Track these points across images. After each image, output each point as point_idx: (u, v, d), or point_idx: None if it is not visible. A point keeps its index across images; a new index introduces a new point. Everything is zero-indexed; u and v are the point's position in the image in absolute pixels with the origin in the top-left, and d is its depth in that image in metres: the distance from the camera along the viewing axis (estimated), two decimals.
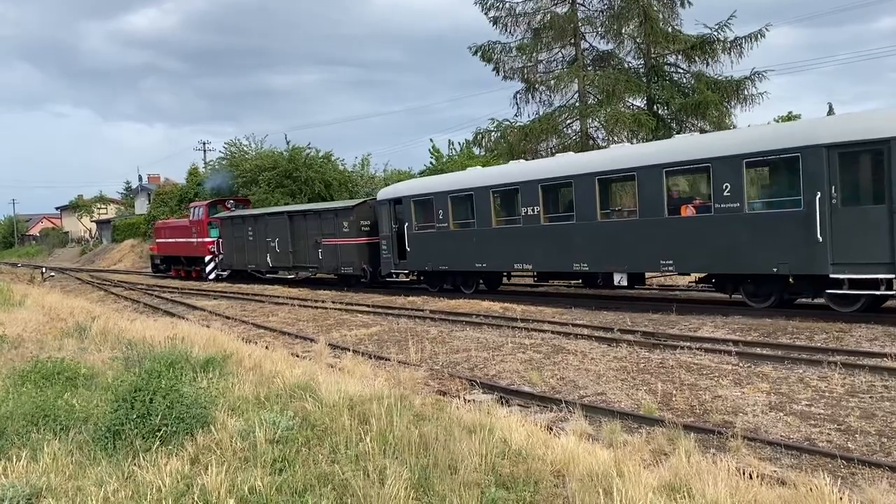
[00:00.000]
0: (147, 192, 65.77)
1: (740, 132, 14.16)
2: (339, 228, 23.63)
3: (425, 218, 20.36)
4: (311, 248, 25.11)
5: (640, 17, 25.02)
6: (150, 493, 4.46)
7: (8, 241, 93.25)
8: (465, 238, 18.75)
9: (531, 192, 16.87)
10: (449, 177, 22.34)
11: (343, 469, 4.62)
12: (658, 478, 4.74)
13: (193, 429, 5.52)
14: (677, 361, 9.95)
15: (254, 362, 8.33)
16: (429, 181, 22.38)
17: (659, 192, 14.20)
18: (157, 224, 38.53)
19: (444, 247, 19.42)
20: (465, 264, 18.92)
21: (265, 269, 28.44)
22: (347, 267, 23.52)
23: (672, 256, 14.09)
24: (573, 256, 15.94)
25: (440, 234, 19.54)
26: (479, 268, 18.55)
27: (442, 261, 19.54)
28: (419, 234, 20.30)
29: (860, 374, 8.63)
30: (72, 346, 10.20)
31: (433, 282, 20.67)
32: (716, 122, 24.30)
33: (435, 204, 19.71)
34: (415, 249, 20.37)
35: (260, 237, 27.91)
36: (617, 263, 15.24)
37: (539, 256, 16.87)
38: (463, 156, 36.10)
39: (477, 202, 18.38)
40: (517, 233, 17.40)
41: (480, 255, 18.29)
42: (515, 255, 17.38)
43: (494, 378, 9.81)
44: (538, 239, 16.75)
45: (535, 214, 16.78)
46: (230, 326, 16.17)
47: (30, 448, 5.40)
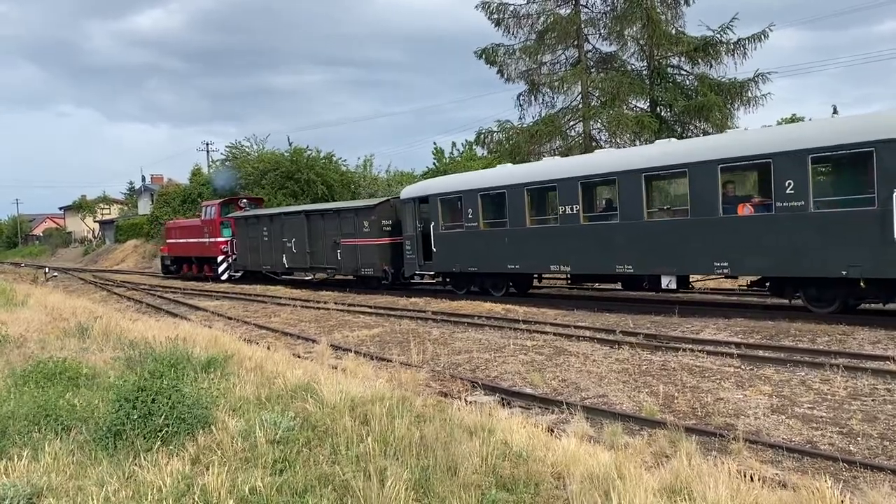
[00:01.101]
0: (150, 193, 65.89)
1: (806, 125, 13.26)
2: (359, 228, 22.92)
3: (453, 217, 19.54)
4: (329, 249, 24.42)
5: (643, 19, 25.03)
6: (150, 493, 4.46)
7: (11, 241, 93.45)
8: (497, 238, 17.93)
9: (570, 189, 15.99)
10: (479, 174, 21.30)
11: (344, 470, 4.62)
12: (659, 480, 4.72)
13: (194, 429, 5.53)
14: (679, 363, 9.93)
15: (255, 363, 8.33)
16: (457, 178, 21.38)
17: (713, 190, 13.37)
18: (167, 224, 37.83)
19: (473, 247, 18.60)
20: (495, 266, 18.09)
21: (281, 271, 27.67)
22: (368, 268, 22.76)
23: (727, 258, 13.23)
24: (616, 258, 15.10)
25: (469, 234, 18.71)
26: (511, 269, 17.69)
27: (470, 262, 18.73)
28: (446, 234, 19.46)
29: (863, 376, 8.62)
30: (74, 345, 10.20)
31: (460, 284, 19.85)
32: (719, 124, 24.28)
33: (464, 202, 18.85)
34: (441, 250, 19.54)
35: (275, 237, 27.17)
36: (665, 265, 14.34)
37: (577, 258, 16.01)
38: (465, 157, 36.08)
39: (510, 200, 17.52)
40: (554, 233, 16.56)
41: (513, 257, 17.47)
42: (551, 256, 16.54)
43: (496, 379, 9.80)
44: (577, 239, 15.92)
45: (574, 213, 15.91)
46: (232, 327, 16.18)
47: (31, 448, 5.41)
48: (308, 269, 26.18)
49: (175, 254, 34.78)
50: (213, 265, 31.05)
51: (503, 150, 28.17)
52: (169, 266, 35.75)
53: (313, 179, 37.48)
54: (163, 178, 70.15)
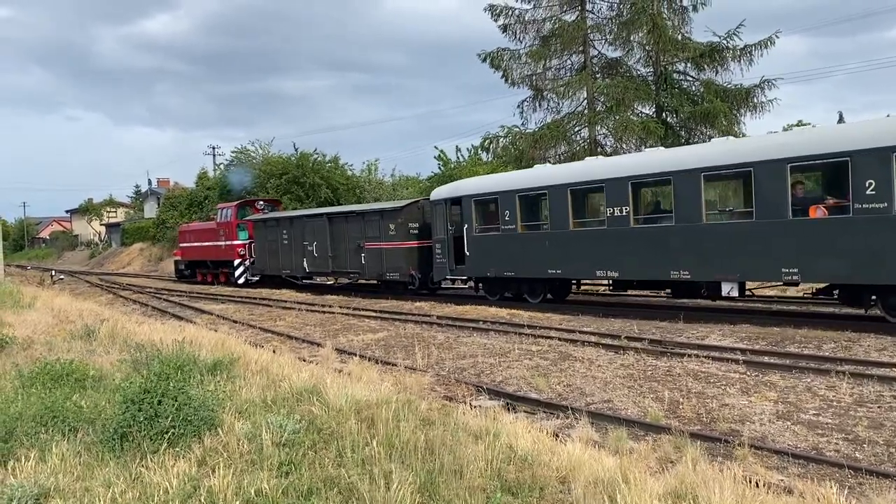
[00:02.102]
0: (156, 196, 66.20)
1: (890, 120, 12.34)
2: (384, 231, 22.11)
3: (488, 219, 18.62)
4: (352, 253, 23.62)
5: (649, 24, 25.05)
6: (157, 495, 4.49)
7: (18, 243, 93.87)
8: (536, 242, 17.06)
9: (619, 190, 15.07)
10: (517, 174, 20.21)
11: (349, 472, 4.64)
12: (664, 485, 4.72)
13: (201, 431, 5.55)
14: (684, 369, 9.92)
15: (261, 366, 8.36)
16: (493, 179, 20.28)
17: (782, 191, 12.47)
18: (181, 227, 36.76)
19: (509, 251, 17.70)
20: (534, 271, 17.15)
21: (301, 275, 26.68)
22: (393, 273, 21.94)
23: (797, 263, 12.32)
24: (671, 263, 14.13)
25: (505, 237, 17.79)
26: (551, 275, 16.75)
27: (506, 267, 17.80)
28: (480, 238, 18.58)
29: (869, 383, 8.60)
30: (80, 347, 10.26)
31: (493, 290, 18.94)
32: (725, 130, 24.27)
33: (500, 204, 17.92)
34: (474, 254, 18.66)
35: (296, 240, 26.31)
36: (727, 271, 13.39)
37: (627, 263, 15.04)
38: (471, 162, 36.11)
39: (552, 202, 16.70)
40: (600, 236, 15.59)
41: (554, 261, 16.55)
42: (597, 261, 15.59)
43: (501, 384, 9.80)
44: (626, 243, 14.96)
45: (624, 216, 14.99)
46: (237, 330, 16.22)
47: (38, 448, 5.45)
48: (330, 274, 25.42)
49: (189, 258, 34.05)
50: (230, 269, 30.30)
51: (509, 154, 28.20)
52: (183, 270, 34.92)
53: (318, 184, 37.54)
54: (169, 182, 70.51)
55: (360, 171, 42.10)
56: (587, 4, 27.11)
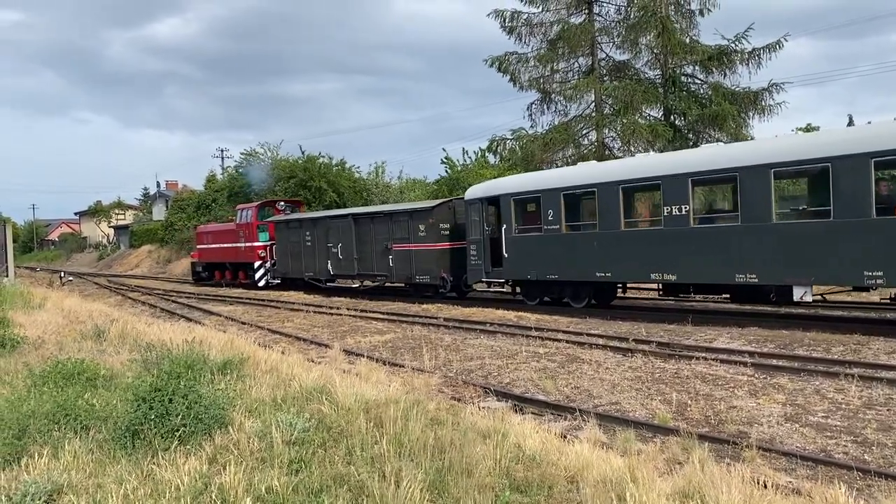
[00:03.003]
0: (165, 199, 66.53)
1: None
2: (413, 232, 21.25)
3: (528, 219, 17.71)
4: (379, 255, 22.76)
5: (657, 27, 25.07)
6: (168, 492, 4.53)
7: (27, 245, 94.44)
8: (583, 243, 16.17)
9: (678, 187, 14.12)
10: (561, 171, 19.32)
11: (359, 470, 4.67)
12: (672, 485, 4.74)
13: (211, 429, 5.60)
14: (692, 372, 9.92)
15: (270, 366, 8.40)
16: (534, 177, 19.32)
17: (864, 187, 11.64)
18: (198, 228, 35.97)
19: (552, 253, 16.79)
20: (580, 273, 16.24)
21: (325, 278, 25.80)
22: (423, 275, 21.06)
23: (882, 266, 11.49)
24: (735, 266, 13.27)
25: (548, 237, 16.88)
26: (599, 278, 15.86)
27: (549, 269, 16.87)
28: (520, 238, 17.68)
29: (878, 386, 8.58)
30: (91, 347, 10.32)
31: (532, 294, 18.04)
32: (733, 133, 24.26)
33: (543, 203, 17.00)
34: (513, 256, 17.76)
35: (319, 242, 25.49)
36: (800, 274, 12.50)
37: (686, 265, 14.10)
38: (477, 164, 36.14)
39: (601, 200, 15.70)
40: (656, 237, 14.64)
41: (603, 263, 15.65)
42: (652, 263, 14.64)
43: (508, 386, 9.82)
44: (686, 244, 14.03)
45: (683, 215, 14.03)
46: (246, 332, 16.26)
47: (51, 446, 5.50)
48: (356, 276, 24.57)
49: (207, 259, 33.13)
50: (249, 271, 29.46)
51: (516, 157, 28.24)
52: (200, 272, 34.01)
53: (324, 188, 37.61)
54: (177, 184, 70.91)
55: (368, 173, 42.18)
56: (595, 7, 27.16)
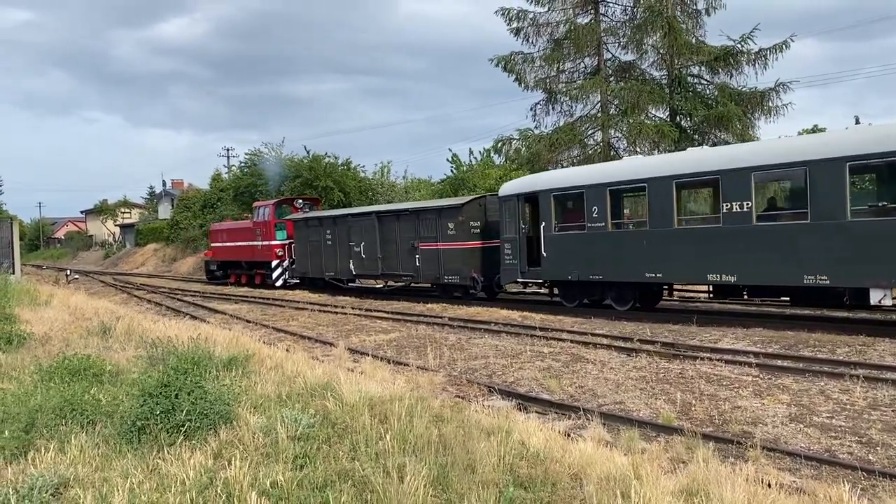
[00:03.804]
0: (170, 197, 66.71)
1: None
2: (442, 230, 20.50)
3: (570, 216, 16.94)
4: (404, 254, 22.01)
5: (663, 28, 25.03)
6: (174, 486, 4.55)
7: (34, 243, 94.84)
8: (632, 241, 15.35)
9: (738, 183, 13.33)
10: (606, 166, 18.38)
11: (363, 466, 4.69)
12: (676, 483, 4.75)
13: (216, 425, 5.63)
14: (697, 372, 9.91)
15: (275, 363, 8.44)
16: (578, 171, 18.45)
17: None
18: (212, 226, 35.11)
19: (596, 252, 15.98)
20: (628, 274, 15.44)
21: (346, 278, 25.16)
22: (452, 276, 20.32)
23: None
24: (804, 266, 12.45)
25: (592, 235, 16.03)
26: (649, 279, 15.04)
27: (593, 269, 16.06)
28: (560, 237, 16.89)
29: (883, 387, 8.56)
30: (97, 344, 10.38)
31: (571, 295, 17.26)
32: (739, 134, 24.21)
33: (587, 199, 16.13)
34: (553, 255, 16.95)
35: (341, 241, 24.76)
36: (878, 276, 11.69)
37: (746, 265, 13.27)
38: (483, 164, 36.15)
39: (652, 197, 14.87)
40: (714, 235, 13.83)
41: (653, 263, 14.82)
42: (709, 263, 13.82)
43: (512, 385, 9.83)
44: (747, 243, 13.25)
45: (745, 212, 13.23)
46: (251, 329, 16.33)
47: (58, 440, 5.54)
48: (379, 276, 23.82)
49: (221, 258, 32.46)
50: (266, 270, 28.79)
51: (521, 157, 28.23)
52: (214, 271, 33.22)
53: (330, 187, 37.65)
54: (183, 183, 71.04)
55: (373, 173, 42.23)
56: (601, 7, 27.14)
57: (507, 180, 29.54)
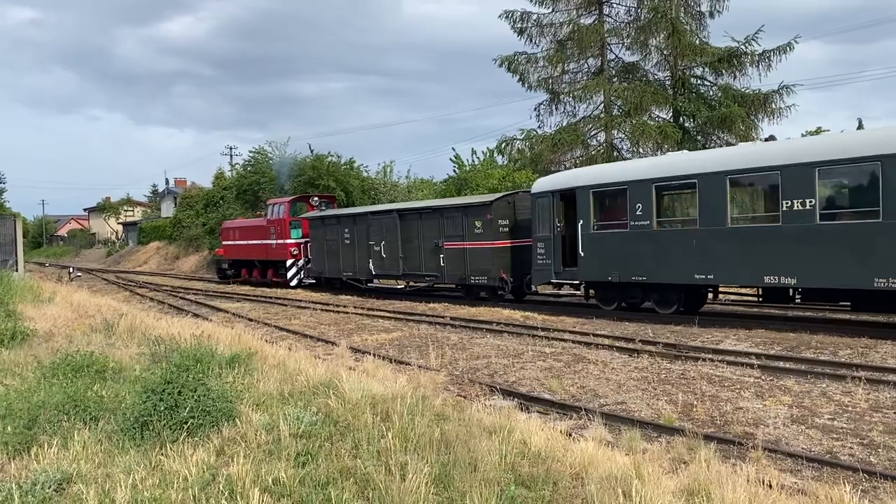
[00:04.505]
0: (173, 196, 66.82)
1: None
2: (468, 229, 19.69)
3: (611, 214, 16.14)
4: (428, 254, 21.19)
5: (667, 29, 25.02)
6: (176, 482, 4.58)
7: (37, 241, 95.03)
8: (679, 241, 14.51)
9: (800, 179, 12.51)
10: (652, 161, 17.58)
11: (365, 463, 4.71)
12: (677, 483, 4.76)
13: (219, 422, 5.65)
14: (699, 373, 9.91)
15: (277, 361, 8.46)
16: (620, 167, 17.78)
17: None
18: (224, 224, 34.31)
19: (640, 252, 15.13)
20: (675, 275, 14.56)
21: (365, 278, 24.42)
22: (479, 276, 19.51)
23: None
24: (875, 269, 11.60)
25: (636, 234, 15.20)
26: (699, 280, 14.19)
27: (635, 270, 15.22)
28: (600, 236, 16.09)
29: (885, 389, 8.55)
30: (100, 341, 10.41)
31: (609, 297, 16.42)
32: (742, 135, 24.18)
33: (630, 196, 15.30)
34: (591, 255, 16.14)
35: (360, 240, 24.05)
36: None
37: (809, 267, 12.47)
38: (486, 164, 36.17)
39: (702, 194, 14.05)
40: (773, 235, 12.97)
41: (703, 264, 13.97)
42: (766, 264, 13.01)
43: (514, 385, 9.84)
44: (810, 243, 12.42)
45: (807, 210, 12.43)
46: (253, 328, 16.35)
47: (61, 436, 5.57)
48: (401, 276, 23.04)
49: (233, 256, 31.70)
50: (281, 270, 28.02)
51: (525, 158, 28.23)
52: (226, 270, 32.54)
53: (333, 186, 37.68)
54: (186, 182, 71.16)
55: (376, 172, 42.24)
56: (605, 8, 27.14)
57: (509, 181, 29.67)
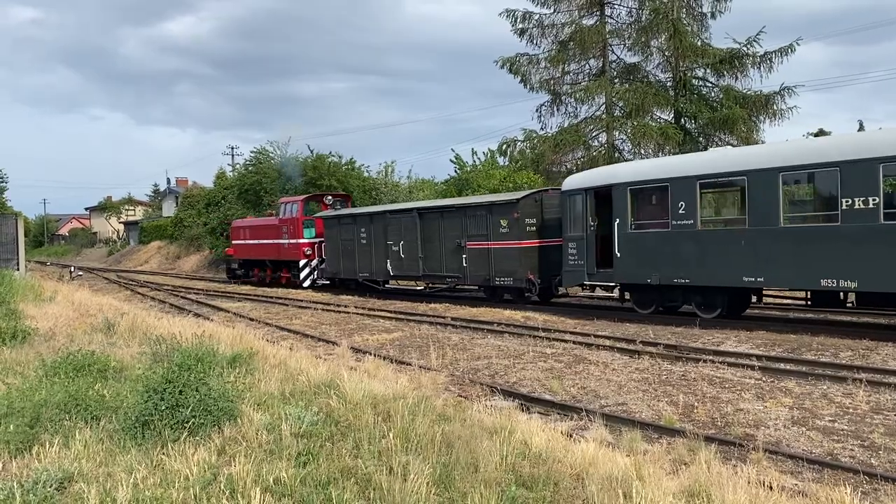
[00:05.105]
0: (175, 195, 66.85)
1: None
2: (493, 228, 18.97)
3: (650, 213, 15.43)
4: (450, 254, 20.42)
5: (668, 30, 25.03)
6: (178, 481, 4.58)
7: (38, 240, 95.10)
8: (727, 241, 13.75)
9: (863, 175, 11.74)
10: (697, 156, 16.73)
11: (366, 463, 4.71)
12: (678, 484, 4.76)
13: (220, 421, 5.65)
14: (700, 374, 9.91)
15: (278, 360, 8.46)
16: (660, 163, 17.01)
17: None
18: (233, 223, 33.55)
19: (683, 252, 14.34)
20: (720, 277, 13.78)
21: (383, 279, 23.78)
22: (504, 277, 18.79)
23: None
24: None
25: (678, 234, 14.42)
26: (748, 283, 13.44)
27: (677, 271, 14.42)
28: (637, 235, 15.34)
29: (886, 391, 8.55)
30: (101, 340, 10.42)
31: (646, 301, 15.65)
32: (744, 136, 24.20)
33: (672, 193, 14.47)
34: (628, 255, 15.39)
35: (377, 239, 23.33)
36: None
37: (872, 270, 11.64)
38: (487, 164, 36.15)
39: (752, 191, 13.25)
40: (831, 235, 12.26)
41: (753, 266, 13.16)
42: (824, 266, 12.24)
43: (515, 385, 9.84)
44: (873, 244, 11.64)
45: (871, 209, 11.73)
46: (254, 328, 16.34)
47: (62, 435, 5.57)
48: (420, 277, 22.31)
49: (244, 256, 31.04)
50: (294, 270, 27.44)
51: (526, 158, 28.25)
52: (236, 270, 31.80)
53: (334, 186, 37.66)
54: (187, 181, 71.20)
55: (377, 172, 42.22)
56: (606, 9, 27.15)
57: (510, 181, 29.63)
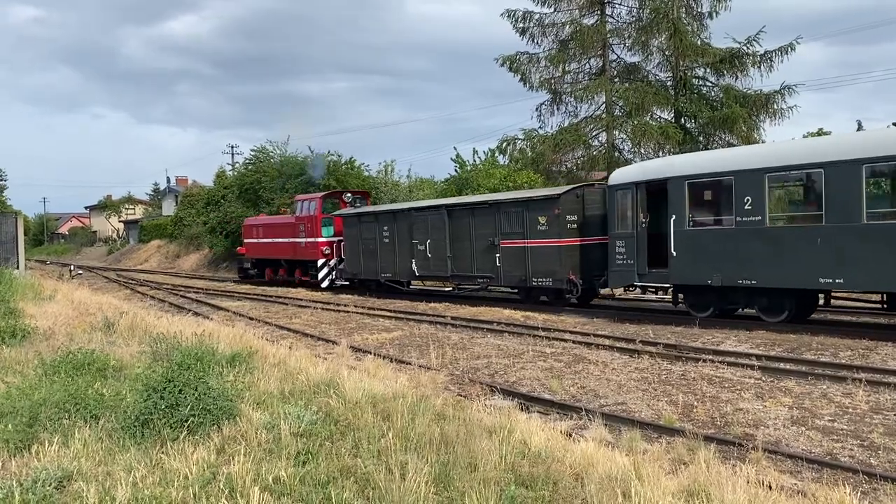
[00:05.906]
0: (175, 194, 66.87)
1: None
2: (530, 226, 17.83)
3: (711, 208, 14.41)
4: (480, 253, 19.31)
5: (669, 29, 25.02)
6: (177, 480, 4.58)
7: (38, 238, 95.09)
8: (800, 240, 12.62)
9: None
10: (766, 148, 15.59)
11: (365, 463, 4.71)
12: (677, 483, 4.76)
13: (220, 420, 5.66)
14: (699, 374, 9.91)
15: (278, 360, 8.47)
16: (722, 155, 15.86)
17: None
18: (246, 221, 32.59)
19: (749, 251, 13.21)
20: (793, 278, 12.67)
21: (407, 279, 22.84)
22: (543, 278, 17.57)
23: None
24: None
25: (744, 232, 13.30)
26: (824, 285, 12.49)
27: (743, 272, 13.32)
28: (696, 233, 14.27)
29: (885, 391, 8.55)
30: (100, 339, 10.42)
31: (703, 303, 14.54)
32: (744, 136, 24.18)
33: (737, 187, 13.39)
34: (685, 254, 14.29)
35: (401, 238, 22.29)
36: None
37: None
38: (487, 163, 36.14)
39: (829, 185, 12.13)
40: None
41: (832, 266, 12.08)
42: None
43: (514, 385, 9.84)
44: None
45: None
46: (254, 327, 16.34)
47: (61, 434, 5.57)
48: (448, 278, 20.98)
49: (257, 255, 30.20)
50: (311, 270, 26.48)
51: (526, 158, 28.23)
52: (248, 269, 30.98)
53: (335, 185, 37.63)
54: (187, 180, 71.21)
55: (377, 171, 42.20)
56: (607, 9, 27.13)
57: (510, 181, 29.61)
